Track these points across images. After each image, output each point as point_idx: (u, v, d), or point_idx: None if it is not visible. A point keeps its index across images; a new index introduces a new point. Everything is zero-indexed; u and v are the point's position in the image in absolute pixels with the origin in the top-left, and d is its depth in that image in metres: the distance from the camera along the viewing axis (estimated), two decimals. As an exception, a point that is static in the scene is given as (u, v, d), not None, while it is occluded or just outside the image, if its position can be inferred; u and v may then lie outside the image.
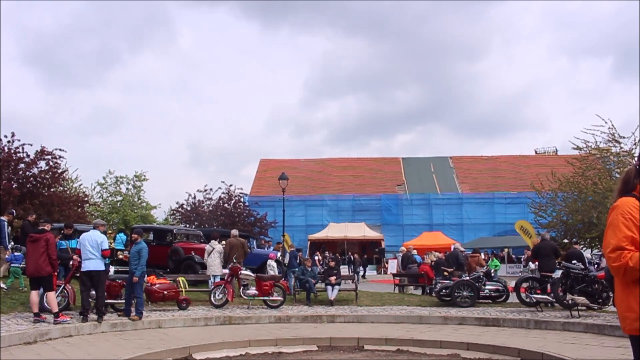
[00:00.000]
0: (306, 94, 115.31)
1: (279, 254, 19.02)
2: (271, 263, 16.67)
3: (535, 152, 55.19)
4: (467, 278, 14.84)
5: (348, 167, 52.52)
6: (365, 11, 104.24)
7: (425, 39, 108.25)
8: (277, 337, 10.54)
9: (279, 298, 14.05)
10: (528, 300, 13.41)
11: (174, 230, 19.82)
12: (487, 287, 14.99)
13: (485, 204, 44.67)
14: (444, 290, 14.72)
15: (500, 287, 15.27)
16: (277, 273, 16.05)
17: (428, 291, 18.08)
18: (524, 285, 13.77)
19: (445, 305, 14.46)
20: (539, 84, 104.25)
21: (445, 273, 16.74)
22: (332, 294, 14.77)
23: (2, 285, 12.74)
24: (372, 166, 52.64)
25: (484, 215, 44.00)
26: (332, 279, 15.00)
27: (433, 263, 18.75)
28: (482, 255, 21.69)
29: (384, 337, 10.58)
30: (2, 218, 13.40)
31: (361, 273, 30.01)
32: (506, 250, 36.66)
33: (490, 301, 14.98)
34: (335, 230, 40.53)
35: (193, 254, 17.60)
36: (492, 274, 16.81)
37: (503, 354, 9.16)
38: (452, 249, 19.21)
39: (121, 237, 20.42)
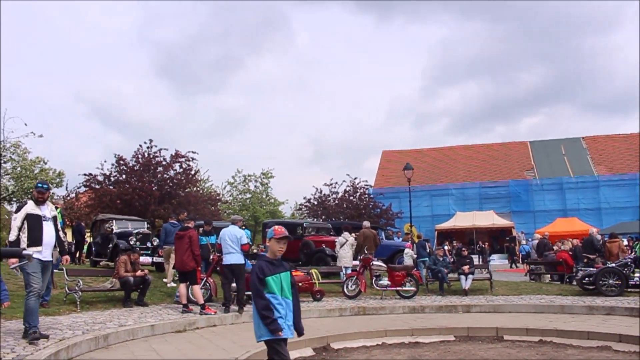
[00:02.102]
0: (425, 83, 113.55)
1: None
2: (408, 252, 16.64)
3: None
4: (613, 265, 13.90)
5: (472, 154, 51.00)
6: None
7: (548, 15, 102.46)
8: (412, 327, 10.48)
9: (411, 288, 13.98)
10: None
11: (304, 224, 20.29)
12: (637, 274, 13.93)
13: (626, 185, 41.47)
14: (586, 279, 13.89)
15: (652, 274, 14.13)
16: (411, 262, 16.00)
17: (567, 279, 17.15)
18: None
19: (589, 294, 13.66)
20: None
21: (585, 260, 15.80)
22: (465, 283, 14.45)
23: (166, 281, 13.71)
24: (498, 152, 50.73)
25: (624, 198, 40.84)
26: (465, 268, 14.66)
27: (572, 250, 17.78)
28: (625, 242, 20.23)
29: (524, 327, 10.17)
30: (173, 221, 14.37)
31: (492, 262, 29.08)
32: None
33: (640, 290, 13.93)
34: (462, 220, 39.58)
35: (324, 246, 17.95)
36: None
37: (663, 348, 8.48)
38: (589, 235, 18.14)
39: (247, 232, 21.28)
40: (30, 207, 7.62)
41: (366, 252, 14.78)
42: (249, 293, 12.27)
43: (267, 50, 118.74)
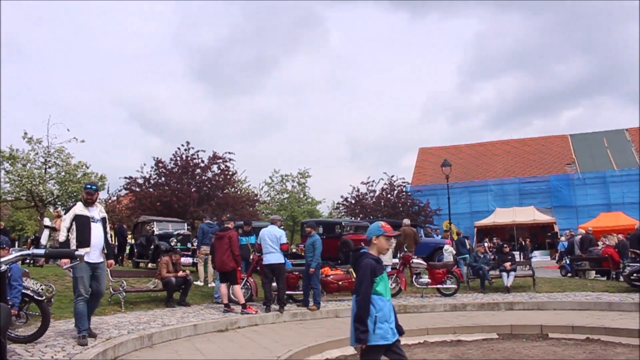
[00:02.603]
0: (461, 78, 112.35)
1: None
2: (448, 249, 16.48)
3: None
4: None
5: (511, 149, 50.11)
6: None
7: (587, 5, 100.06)
8: (454, 325, 10.36)
9: (452, 286, 13.84)
10: None
11: (342, 222, 20.30)
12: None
13: (673, 177, 40.10)
14: (635, 275, 13.52)
15: None
16: (452, 260, 15.85)
17: (614, 276, 16.72)
18: None
19: (638, 290, 13.28)
20: None
21: (632, 255, 15.37)
22: (507, 280, 14.24)
23: (197, 283, 13.90)
24: (537, 146, 49.68)
25: (674, 191, 39.46)
26: (507, 264, 14.45)
27: (617, 245, 17.32)
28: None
29: (570, 324, 9.96)
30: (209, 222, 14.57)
31: (534, 259, 28.55)
32: None
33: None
34: (502, 216, 38.96)
35: (363, 245, 17.83)
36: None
37: None
38: (636, 229, 17.61)
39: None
40: (79, 209, 7.68)
41: (406, 250, 14.69)
42: (290, 292, 12.42)
43: (301, 50, 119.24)
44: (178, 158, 25.72)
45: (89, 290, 7.59)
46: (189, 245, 16.85)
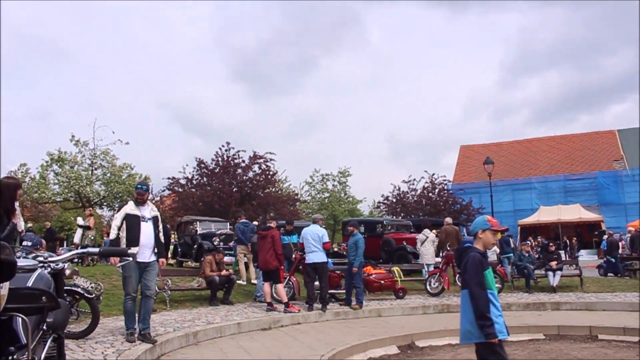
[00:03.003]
0: (503, 74, 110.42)
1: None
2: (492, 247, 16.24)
3: None
4: None
5: (555, 145, 48.99)
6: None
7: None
8: (499, 325, 10.19)
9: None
10: None
11: (384, 221, 20.22)
12: None
13: None
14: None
15: None
16: (495, 259, 15.60)
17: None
18: None
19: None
20: None
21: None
22: (553, 280, 13.93)
23: (241, 282, 14.04)
24: (583, 142, 48.43)
25: None
26: (553, 264, 14.14)
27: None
28: None
29: (621, 326, 9.65)
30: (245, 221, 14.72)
31: (580, 258, 27.85)
32: None
33: None
34: (546, 214, 38.09)
35: (404, 244, 17.79)
36: None
37: None
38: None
39: None
40: (130, 208, 7.70)
41: (448, 248, 14.53)
42: (332, 291, 12.42)
43: (341, 50, 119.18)
44: (219, 158, 26.07)
45: (137, 290, 7.59)
46: (232, 244, 17.02)
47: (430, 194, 32.29)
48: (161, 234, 7.93)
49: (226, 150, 26.21)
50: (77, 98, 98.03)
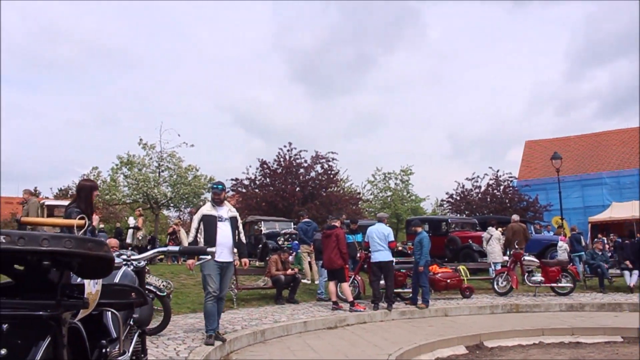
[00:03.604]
0: (569, 65, 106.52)
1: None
2: (562, 245, 15.73)
3: None
4: None
5: (628, 139, 46.85)
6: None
7: None
8: (572, 326, 9.86)
9: (568, 285, 13.17)
10: None
11: (449, 219, 19.94)
12: None
13: None
14: None
15: None
16: (566, 257, 15.12)
17: None
18: None
19: None
20: None
21: None
22: (630, 279, 13.35)
23: (305, 281, 14.14)
24: (659, 134, 46.18)
25: None
26: (629, 262, 13.55)
27: None
28: None
29: None
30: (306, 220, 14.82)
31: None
32: None
33: None
34: (619, 210, 36.43)
35: (470, 242, 17.49)
36: None
37: None
38: None
39: None
40: (207, 209, 7.66)
41: (516, 246, 14.16)
42: (398, 290, 12.34)
43: (400, 47, 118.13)
44: (281, 159, 26.35)
45: (218, 289, 7.47)
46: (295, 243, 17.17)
47: (495, 191, 31.57)
48: (242, 235, 7.87)
49: (288, 151, 26.48)
50: (143, 103, 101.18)
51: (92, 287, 2.13)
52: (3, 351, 1.63)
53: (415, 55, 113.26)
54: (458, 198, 32.00)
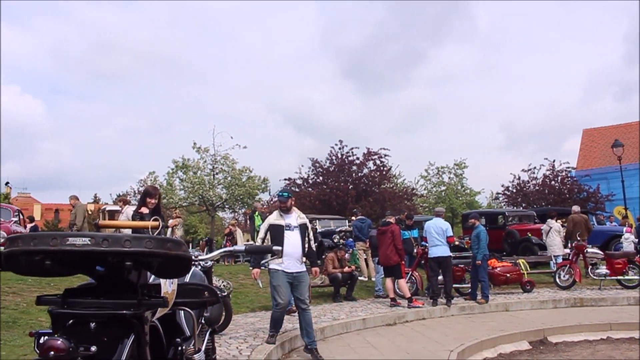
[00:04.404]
0: (629, 47, 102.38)
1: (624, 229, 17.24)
2: (629, 237, 15.19)
3: None
4: None
5: (697, 123, 44.76)
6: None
7: None
8: (642, 321, 9.52)
9: (635, 277, 12.70)
10: None
11: (506, 212, 19.53)
12: None
13: None
14: None
15: None
16: (632, 249, 14.58)
17: None
18: None
19: None
20: None
21: None
22: None
23: (362, 278, 14.12)
24: None
25: None
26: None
27: None
28: None
29: None
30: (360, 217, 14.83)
31: None
32: None
33: None
34: (689, 199, 34.95)
35: (529, 235, 17.08)
36: None
37: None
38: None
39: None
40: (274, 218, 7.33)
41: (579, 239, 13.74)
42: (457, 285, 12.19)
43: (449, 40, 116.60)
44: (333, 157, 26.41)
45: (287, 300, 7.23)
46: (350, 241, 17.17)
47: (553, 182, 30.69)
48: (312, 242, 7.42)
49: (340, 149, 26.51)
50: (194, 108, 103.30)
51: (168, 287, 2.19)
52: (93, 348, 1.70)
53: (465, 47, 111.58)
54: (514, 190, 31.26)
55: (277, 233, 7.12)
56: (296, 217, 7.37)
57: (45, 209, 56.17)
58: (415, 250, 12.55)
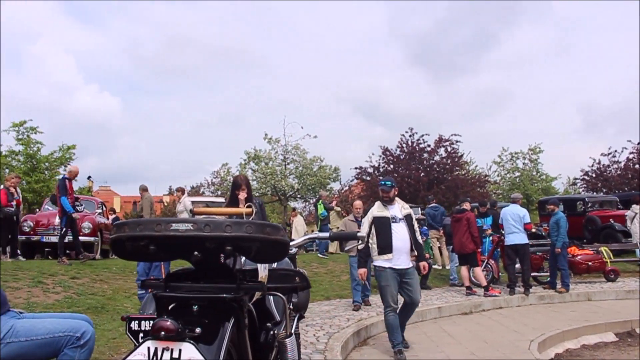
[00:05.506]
0: None
1: None
2: None
3: None
4: None
5: None
6: None
7: None
8: None
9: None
10: None
11: (586, 198, 18.79)
12: None
13: None
14: None
15: None
16: None
17: None
18: None
19: None
20: None
21: None
22: None
23: (437, 267, 14.00)
24: None
25: None
26: None
27: None
28: None
29: None
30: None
31: None
32: None
33: None
34: None
35: (611, 221, 16.38)
36: None
37: None
38: None
39: None
40: (377, 210, 6.61)
41: (667, 225, 13.09)
42: (535, 274, 11.86)
43: (522, 21, 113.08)
44: (404, 144, 26.18)
45: (397, 300, 6.55)
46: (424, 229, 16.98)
47: (637, 166, 29.21)
48: (417, 234, 6.69)
49: (410, 136, 26.25)
50: (264, 100, 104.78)
51: (262, 272, 2.27)
52: (198, 329, 1.78)
53: (539, 27, 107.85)
54: (594, 175, 29.99)
55: (383, 226, 6.46)
56: (400, 207, 6.65)
57: (124, 201, 58.85)
58: (491, 238, 12.28)
